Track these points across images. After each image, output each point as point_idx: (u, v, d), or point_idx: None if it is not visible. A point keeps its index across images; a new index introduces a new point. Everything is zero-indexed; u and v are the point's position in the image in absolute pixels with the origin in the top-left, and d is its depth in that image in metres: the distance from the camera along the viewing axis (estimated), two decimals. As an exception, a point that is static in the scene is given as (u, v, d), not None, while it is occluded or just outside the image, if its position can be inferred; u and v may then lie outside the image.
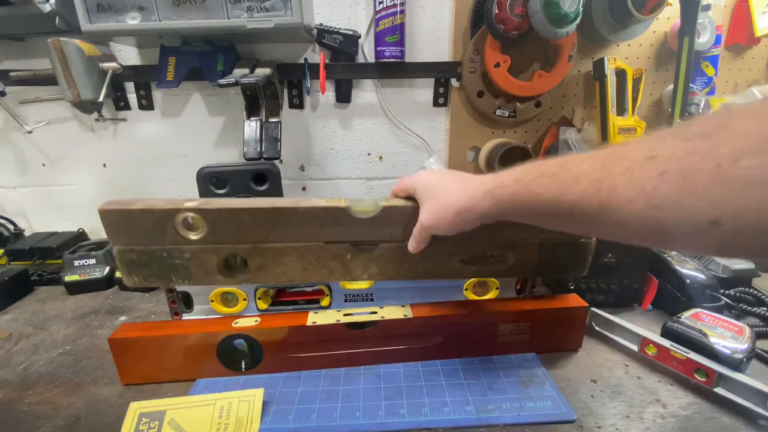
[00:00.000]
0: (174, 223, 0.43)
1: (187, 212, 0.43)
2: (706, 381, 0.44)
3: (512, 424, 0.41)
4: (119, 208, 0.42)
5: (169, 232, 0.43)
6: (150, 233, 0.43)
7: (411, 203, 0.45)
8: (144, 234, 0.43)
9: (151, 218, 0.43)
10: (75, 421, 0.43)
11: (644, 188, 0.25)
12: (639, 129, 0.82)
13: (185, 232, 0.44)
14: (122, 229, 0.43)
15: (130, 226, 0.43)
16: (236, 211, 0.43)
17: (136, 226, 0.43)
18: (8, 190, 0.93)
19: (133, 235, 0.44)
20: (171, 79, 0.78)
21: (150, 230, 0.43)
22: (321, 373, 0.49)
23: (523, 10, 0.71)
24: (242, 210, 0.43)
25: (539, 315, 0.50)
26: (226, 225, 0.44)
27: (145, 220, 0.43)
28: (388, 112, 0.87)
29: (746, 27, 0.83)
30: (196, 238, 0.44)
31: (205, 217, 0.43)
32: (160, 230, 0.43)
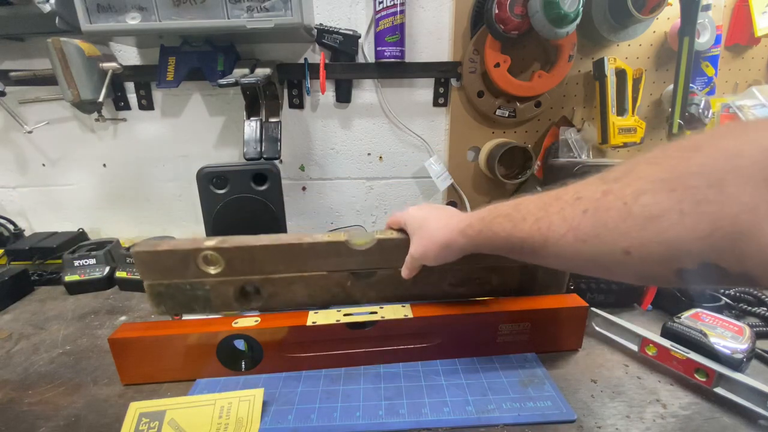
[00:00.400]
0: (196, 260, 0.49)
1: (207, 251, 0.49)
2: (706, 381, 0.44)
3: (512, 424, 0.41)
4: (148, 250, 0.49)
5: (191, 267, 0.49)
6: (175, 269, 0.50)
7: (403, 235, 0.50)
8: (170, 270, 0.50)
9: (175, 257, 0.49)
10: (75, 421, 0.43)
11: (572, 224, 0.29)
12: (639, 129, 0.82)
13: (205, 268, 0.50)
14: (151, 266, 0.49)
15: (158, 264, 0.49)
16: (251, 248, 0.49)
17: (163, 264, 0.49)
18: (8, 190, 0.93)
19: (161, 271, 0.50)
20: (171, 79, 0.78)
21: (175, 267, 0.49)
22: (321, 373, 0.49)
23: (523, 10, 0.71)
24: (256, 247, 0.49)
25: (539, 315, 0.50)
26: (241, 260, 0.50)
27: (170, 258, 0.49)
28: (388, 112, 0.88)
29: (746, 27, 0.83)
30: (215, 272, 0.50)
31: (222, 255, 0.49)
32: (183, 266, 0.49)
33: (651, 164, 0.26)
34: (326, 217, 0.96)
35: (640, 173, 0.26)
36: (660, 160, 0.26)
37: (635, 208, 0.25)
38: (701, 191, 0.23)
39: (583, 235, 0.29)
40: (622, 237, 0.26)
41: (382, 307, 0.51)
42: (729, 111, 0.84)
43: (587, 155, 0.85)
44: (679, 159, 0.25)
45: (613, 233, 0.27)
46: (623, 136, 0.81)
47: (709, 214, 0.22)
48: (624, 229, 0.26)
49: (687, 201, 0.23)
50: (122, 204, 0.94)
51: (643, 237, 0.25)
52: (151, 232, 0.95)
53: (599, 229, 0.27)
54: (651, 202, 0.25)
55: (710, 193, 0.22)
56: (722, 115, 0.84)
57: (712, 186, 0.22)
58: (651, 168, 0.26)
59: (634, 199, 0.26)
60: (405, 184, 0.94)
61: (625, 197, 0.26)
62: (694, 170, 0.24)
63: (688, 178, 0.24)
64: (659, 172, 0.25)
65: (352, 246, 0.50)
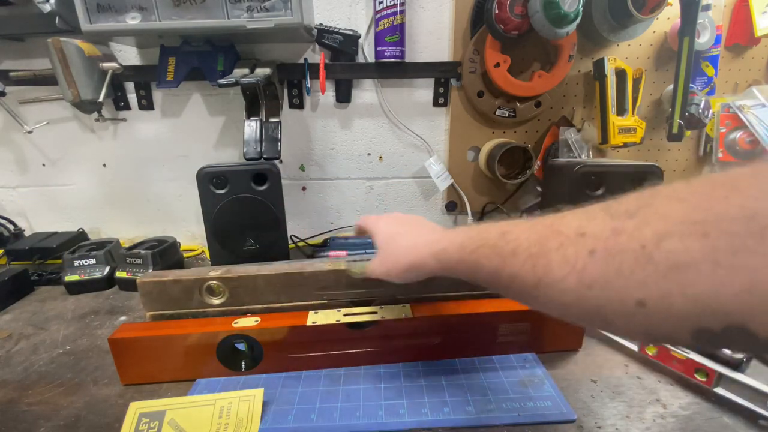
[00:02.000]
0: (200, 290, 0.51)
1: (212, 281, 0.50)
2: (706, 381, 0.44)
3: (512, 424, 0.41)
4: (153, 280, 0.50)
5: (195, 298, 0.51)
6: (179, 300, 0.51)
7: None
8: (174, 301, 0.51)
9: (180, 287, 0.50)
10: (75, 421, 0.43)
11: (575, 266, 0.25)
12: (639, 129, 0.82)
13: (209, 298, 0.51)
14: (155, 297, 0.51)
15: (162, 295, 0.50)
16: (254, 278, 0.51)
17: (168, 294, 0.50)
18: (8, 190, 0.93)
19: (165, 302, 0.51)
20: (171, 79, 0.78)
21: (179, 297, 0.51)
22: (321, 373, 0.49)
23: (523, 10, 0.71)
24: (258, 276, 0.51)
25: (539, 315, 0.50)
26: (244, 290, 0.51)
27: (175, 289, 0.50)
28: (388, 112, 0.88)
29: (746, 27, 0.83)
30: (219, 302, 0.51)
31: (226, 284, 0.51)
32: (188, 297, 0.51)
33: (674, 200, 0.22)
34: (326, 217, 0.96)
35: (661, 210, 0.22)
36: (686, 195, 0.22)
37: (657, 254, 0.21)
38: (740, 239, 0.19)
39: (589, 280, 0.24)
40: (637, 286, 0.22)
41: (382, 307, 0.51)
42: (729, 111, 0.84)
43: (587, 155, 0.85)
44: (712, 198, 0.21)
45: (627, 281, 0.22)
46: (623, 136, 0.81)
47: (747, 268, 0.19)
48: (641, 278, 0.22)
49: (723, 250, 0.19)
50: (122, 204, 0.94)
51: (664, 289, 0.21)
52: (151, 232, 0.95)
53: (610, 275, 0.23)
54: (678, 248, 0.20)
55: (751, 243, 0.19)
56: (722, 115, 0.84)
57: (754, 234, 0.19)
58: (675, 205, 0.22)
59: (656, 243, 0.21)
60: (405, 184, 0.94)
61: (643, 239, 0.22)
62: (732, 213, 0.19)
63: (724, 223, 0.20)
64: (687, 211, 0.21)
65: (353, 274, 0.51)
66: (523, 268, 0.28)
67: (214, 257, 0.72)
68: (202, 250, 0.92)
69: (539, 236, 0.28)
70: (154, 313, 0.51)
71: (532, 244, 0.28)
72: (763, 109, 0.82)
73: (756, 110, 0.82)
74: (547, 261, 0.26)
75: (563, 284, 0.25)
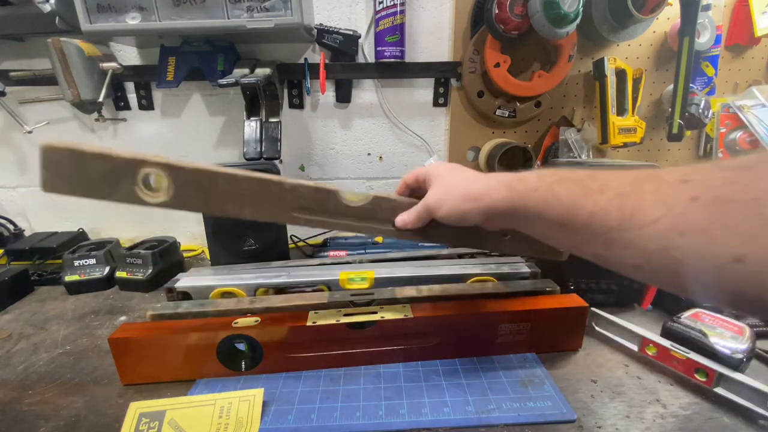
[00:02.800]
0: (134, 177, 0.36)
1: (153, 168, 0.36)
2: (706, 381, 0.44)
3: (512, 424, 0.41)
4: (69, 147, 0.34)
5: (123, 187, 0.36)
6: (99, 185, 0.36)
7: (408, 198, 0.44)
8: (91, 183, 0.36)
9: (105, 167, 0.36)
10: (75, 421, 0.43)
11: (672, 210, 0.23)
12: (639, 129, 0.82)
13: (144, 193, 0.37)
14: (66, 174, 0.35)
15: (77, 172, 0.35)
16: (214, 174, 0.38)
17: (86, 173, 0.35)
18: (8, 190, 0.93)
19: (79, 182, 0.36)
20: (171, 79, 0.78)
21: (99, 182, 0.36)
22: (321, 373, 0.49)
23: (523, 10, 0.71)
24: (221, 175, 0.38)
25: (539, 315, 0.50)
26: (196, 190, 0.38)
27: (97, 167, 0.35)
28: (388, 112, 0.87)
29: (746, 27, 0.83)
30: (156, 201, 0.37)
31: (174, 178, 0.37)
32: (112, 184, 0.36)
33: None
34: (326, 217, 0.95)
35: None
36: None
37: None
38: None
39: (684, 227, 0.22)
40: (740, 240, 0.20)
41: (382, 307, 0.51)
42: (729, 111, 0.84)
43: (587, 155, 0.85)
44: None
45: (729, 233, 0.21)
46: (623, 136, 0.81)
47: None
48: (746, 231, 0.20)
49: None
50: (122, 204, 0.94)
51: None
52: (151, 232, 0.95)
53: (711, 225, 0.21)
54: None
55: None
56: (722, 115, 0.84)
57: None
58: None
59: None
60: (405, 184, 0.93)
61: (757, 192, 0.20)
62: None
63: None
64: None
65: (343, 200, 0.43)
66: (609, 205, 0.26)
67: (213, 257, 0.72)
68: (202, 250, 0.92)
69: (634, 178, 0.26)
70: (154, 313, 0.51)
71: (624, 184, 0.26)
72: (763, 109, 0.82)
73: (756, 110, 0.82)
74: (639, 201, 0.25)
75: (652, 228, 0.24)
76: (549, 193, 0.31)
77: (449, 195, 0.39)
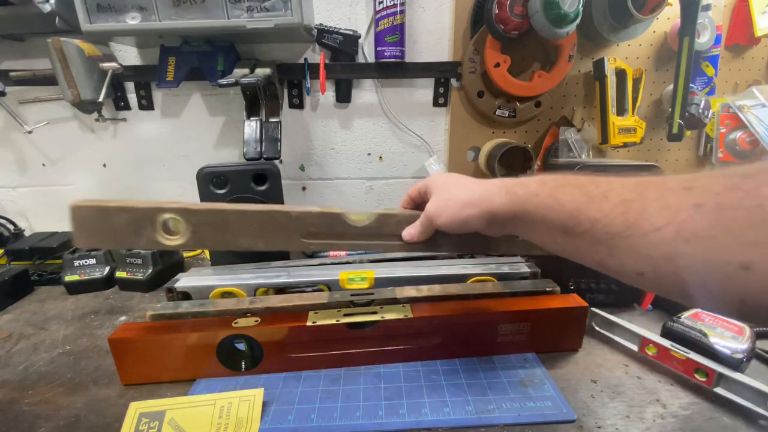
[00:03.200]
0: (154, 224, 0.40)
1: (170, 213, 0.40)
2: (706, 381, 0.44)
3: (512, 424, 0.41)
4: (93, 205, 0.39)
5: (145, 234, 0.40)
6: (124, 234, 0.40)
7: (411, 211, 0.45)
8: (117, 234, 0.40)
9: (127, 218, 0.39)
10: (75, 421, 0.43)
11: (677, 217, 0.23)
12: (639, 129, 0.82)
13: (163, 237, 0.40)
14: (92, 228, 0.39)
15: (103, 226, 0.39)
16: (224, 213, 0.41)
17: (111, 225, 0.39)
18: (8, 190, 0.93)
19: (104, 235, 0.39)
20: (171, 79, 0.78)
21: (124, 231, 0.40)
22: (321, 373, 0.49)
23: (523, 10, 0.71)
24: (231, 212, 0.41)
25: (539, 315, 0.50)
26: (211, 229, 0.41)
27: (120, 219, 0.39)
28: (388, 112, 0.87)
29: (746, 27, 0.83)
30: (176, 243, 0.41)
31: (188, 220, 0.40)
32: (135, 232, 0.40)
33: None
34: (326, 217, 0.96)
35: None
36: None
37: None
38: None
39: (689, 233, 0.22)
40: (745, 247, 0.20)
41: (382, 307, 0.51)
42: (729, 111, 0.84)
43: (587, 155, 0.85)
44: None
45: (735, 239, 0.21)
46: (623, 136, 0.81)
47: None
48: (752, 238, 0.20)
49: None
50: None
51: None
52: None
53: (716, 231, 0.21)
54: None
55: None
56: (722, 114, 0.84)
57: None
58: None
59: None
60: (405, 184, 0.94)
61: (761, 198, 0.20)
62: None
63: None
64: None
65: (349, 221, 0.44)
66: (613, 211, 0.26)
67: (213, 257, 0.72)
68: (202, 250, 0.92)
69: (637, 185, 0.26)
70: (154, 313, 0.51)
71: (627, 191, 0.26)
72: (763, 109, 0.82)
73: (756, 110, 0.82)
74: (643, 208, 0.25)
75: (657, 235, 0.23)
76: (551, 198, 0.30)
77: (449, 203, 0.39)
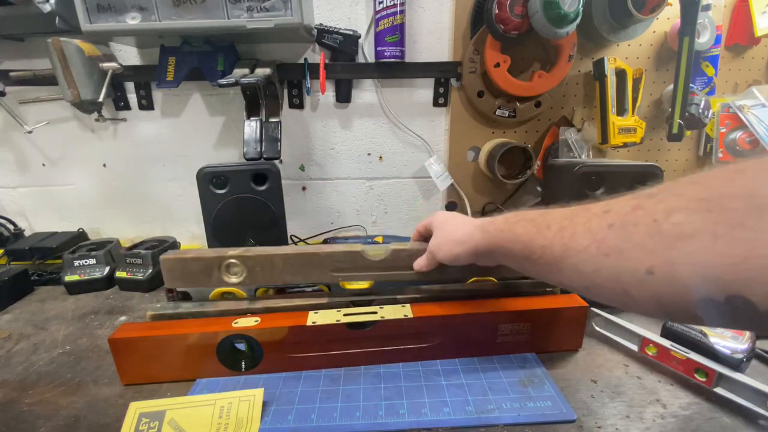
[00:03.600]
0: (219, 268, 0.52)
1: (231, 259, 0.52)
2: (706, 381, 0.44)
3: (512, 424, 0.41)
4: (176, 257, 0.52)
5: (215, 276, 0.52)
6: (199, 277, 0.52)
7: (418, 245, 0.53)
8: (194, 277, 0.53)
9: (200, 265, 0.52)
10: (75, 421, 0.43)
11: (596, 237, 0.28)
12: (639, 129, 0.82)
13: (227, 277, 0.53)
14: (177, 274, 0.52)
15: (183, 272, 0.52)
16: (270, 257, 0.52)
17: (189, 270, 0.52)
18: (8, 190, 0.93)
19: (185, 278, 0.53)
20: (171, 79, 0.78)
21: (199, 275, 0.52)
22: (321, 373, 0.49)
23: (523, 10, 0.71)
24: (275, 256, 0.52)
25: (539, 315, 0.50)
26: (261, 269, 0.52)
27: (195, 266, 0.52)
28: (388, 112, 0.87)
29: (746, 27, 0.83)
30: (237, 281, 0.53)
31: (245, 263, 0.52)
32: (207, 274, 0.52)
33: (691, 183, 0.25)
34: (326, 217, 0.96)
35: (677, 191, 0.25)
36: (701, 179, 0.24)
37: (665, 225, 0.24)
38: (739, 215, 0.21)
39: (606, 248, 0.27)
40: (647, 255, 0.25)
41: (382, 307, 0.51)
42: (729, 111, 0.84)
43: (587, 155, 0.85)
44: (722, 180, 0.23)
45: (638, 250, 0.25)
46: (623, 136, 0.81)
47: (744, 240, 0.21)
48: (651, 247, 0.24)
49: (722, 224, 0.22)
50: (122, 204, 0.94)
51: (670, 257, 0.24)
52: (151, 232, 0.95)
53: (624, 244, 0.26)
54: (683, 220, 0.23)
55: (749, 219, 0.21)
56: (722, 115, 0.84)
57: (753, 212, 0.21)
58: (690, 187, 0.25)
59: (666, 216, 0.24)
60: (405, 184, 0.94)
61: (655, 213, 0.25)
62: (735, 192, 0.22)
63: (727, 200, 0.22)
64: (698, 191, 0.24)
65: (368, 256, 0.52)
66: (554, 238, 0.32)
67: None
68: (202, 250, 0.92)
69: (571, 214, 0.32)
70: (154, 313, 0.51)
71: (564, 219, 0.32)
72: (763, 109, 0.82)
73: (756, 110, 0.82)
74: (573, 232, 0.30)
75: (585, 253, 0.29)
76: (511, 232, 0.37)
77: (444, 240, 0.47)
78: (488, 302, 0.52)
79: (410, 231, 0.96)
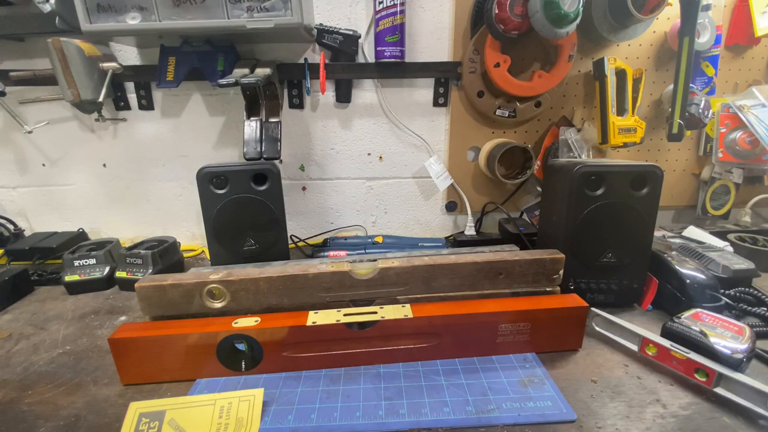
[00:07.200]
0: (201, 294, 0.50)
1: (212, 284, 0.50)
2: (706, 381, 0.44)
3: (512, 424, 0.41)
4: (152, 284, 0.49)
5: (196, 302, 0.51)
6: (179, 304, 0.50)
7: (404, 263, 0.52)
8: (174, 305, 0.50)
9: (180, 292, 0.50)
10: (75, 421, 0.43)
11: None
12: (639, 129, 0.82)
13: (210, 302, 0.51)
14: (154, 302, 0.50)
15: (161, 299, 0.50)
16: (255, 281, 0.50)
17: (167, 298, 0.50)
18: (8, 190, 0.93)
19: (164, 306, 0.51)
20: (171, 79, 0.78)
21: (179, 302, 0.50)
22: (321, 373, 0.49)
23: (523, 10, 0.71)
24: (260, 279, 0.50)
25: (539, 315, 0.50)
26: (246, 293, 0.51)
27: (174, 293, 0.50)
28: (388, 112, 0.88)
29: (746, 27, 0.83)
30: (220, 306, 0.51)
31: (228, 287, 0.50)
32: (188, 301, 0.50)
33: None
34: (326, 217, 0.96)
35: None
36: None
37: None
38: None
39: None
40: None
41: (382, 307, 0.51)
42: (729, 111, 0.84)
43: (587, 155, 0.85)
44: None
45: None
46: (623, 136, 0.81)
47: None
48: None
49: None
50: (122, 204, 0.94)
51: None
52: (151, 232, 0.95)
53: None
54: None
55: None
56: (722, 115, 0.84)
57: None
58: None
59: None
60: (405, 184, 0.94)
61: None
62: None
63: None
64: None
65: (355, 275, 0.52)
66: None
67: (214, 257, 0.72)
68: (202, 250, 0.92)
69: None
70: (154, 316, 0.51)
71: None
72: (763, 109, 0.82)
73: (756, 110, 0.82)
74: None
75: None
76: None
77: None
78: (488, 302, 0.52)
79: (410, 231, 0.97)
